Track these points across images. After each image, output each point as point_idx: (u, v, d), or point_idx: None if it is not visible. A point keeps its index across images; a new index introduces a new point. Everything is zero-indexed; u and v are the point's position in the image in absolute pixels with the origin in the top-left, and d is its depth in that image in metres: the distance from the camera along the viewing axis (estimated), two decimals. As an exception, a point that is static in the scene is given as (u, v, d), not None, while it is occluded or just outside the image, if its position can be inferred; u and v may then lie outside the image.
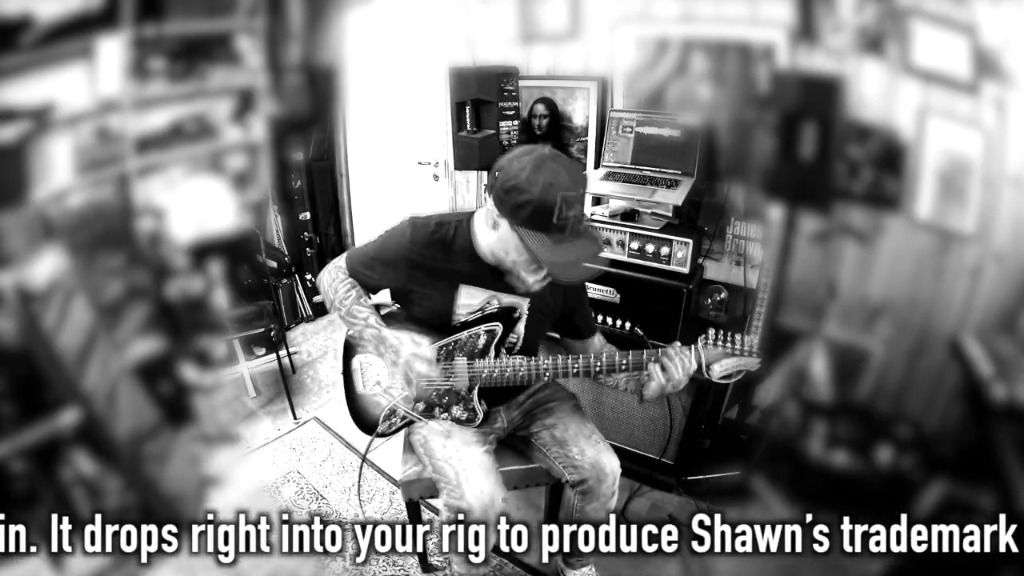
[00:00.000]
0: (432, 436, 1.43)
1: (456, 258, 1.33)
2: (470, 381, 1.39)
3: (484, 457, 1.38)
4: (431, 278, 1.35)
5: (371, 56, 3.05)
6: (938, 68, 1.21)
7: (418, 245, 1.32)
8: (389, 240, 1.37)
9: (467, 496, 1.29)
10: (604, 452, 1.43)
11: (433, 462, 1.40)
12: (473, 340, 1.38)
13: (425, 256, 1.33)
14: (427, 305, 1.38)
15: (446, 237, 1.33)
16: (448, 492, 1.33)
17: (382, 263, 1.37)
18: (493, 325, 1.36)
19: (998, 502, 1.08)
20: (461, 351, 1.39)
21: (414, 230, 1.33)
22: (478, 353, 1.38)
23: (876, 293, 1.35)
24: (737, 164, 1.85)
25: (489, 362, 1.37)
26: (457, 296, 1.36)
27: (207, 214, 1.49)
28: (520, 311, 1.40)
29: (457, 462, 1.34)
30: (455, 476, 1.32)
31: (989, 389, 1.09)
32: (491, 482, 1.32)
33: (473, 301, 1.37)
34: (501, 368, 1.36)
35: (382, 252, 1.38)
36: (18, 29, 1.12)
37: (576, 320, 1.51)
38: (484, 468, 1.34)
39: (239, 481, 1.50)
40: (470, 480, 1.31)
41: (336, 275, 1.42)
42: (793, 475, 1.38)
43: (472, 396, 1.41)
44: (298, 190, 3.41)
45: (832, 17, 1.37)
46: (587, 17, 2.21)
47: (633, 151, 2.07)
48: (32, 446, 1.16)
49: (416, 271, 1.34)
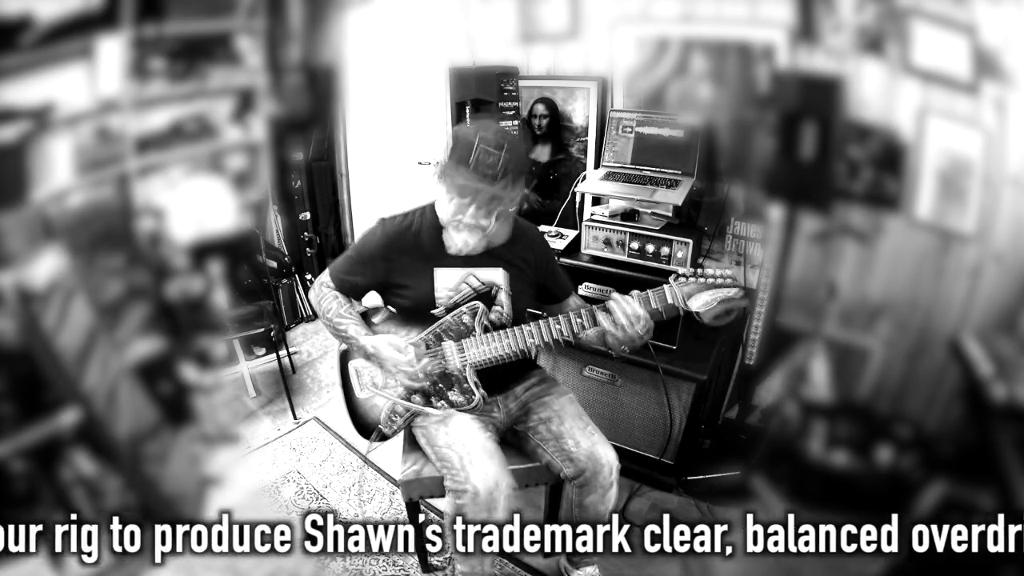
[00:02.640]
0: (432, 425, 1.44)
1: (425, 240, 1.42)
2: (460, 362, 1.42)
3: (487, 441, 1.39)
4: (407, 266, 1.43)
5: (371, 56, 3.05)
6: (938, 68, 1.21)
7: (390, 236, 1.42)
8: (364, 241, 1.46)
9: (472, 479, 1.29)
10: (599, 443, 1.44)
11: (436, 450, 1.40)
12: (458, 321, 1.42)
13: (399, 244, 1.42)
14: (410, 295, 1.44)
15: (413, 223, 1.44)
16: (452, 477, 1.33)
17: (360, 263, 1.45)
18: (474, 303, 1.42)
19: (998, 502, 1.08)
20: (448, 334, 1.43)
21: (384, 225, 1.45)
22: (464, 332, 1.43)
23: (876, 293, 1.35)
24: (737, 164, 1.85)
25: (477, 339, 1.41)
26: (435, 280, 1.43)
27: (207, 214, 1.49)
28: (497, 285, 1.45)
29: (460, 446, 1.35)
30: (458, 460, 1.33)
31: (989, 389, 1.09)
32: (495, 464, 1.33)
33: (451, 282, 1.43)
34: (488, 341, 1.40)
35: (359, 253, 1.46)
36: (18, 29, 1.12)
37: (552, 287, 1.58)
38: (487, 451, 1.35)
39: (239, 481, 1.51)
40: (474, 463, 1.31)
41: (321, 291, 1.49)
42: (793, 475, 1.38)
43: (467, 376, 1.43)
44: (298, 190, 3.41)
45: (832, 17, 1.37)
46: (587, 17, 2.21)
47: (633, 151, 2.07)
48: (32, 446, 1.16)
49: (392, 262, 1.43)
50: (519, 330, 1.38)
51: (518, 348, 1.40)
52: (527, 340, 1.38)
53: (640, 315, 1.30)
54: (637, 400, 2.01)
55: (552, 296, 1.58)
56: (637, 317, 1.30)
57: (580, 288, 2.05)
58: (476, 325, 1.42)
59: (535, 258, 1.51)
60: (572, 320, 1.36)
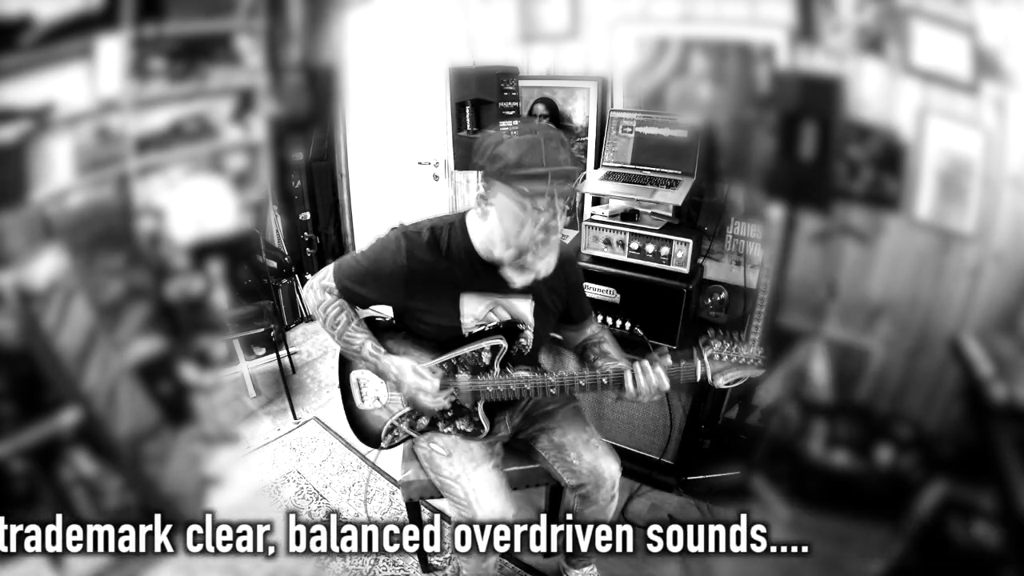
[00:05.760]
0: (436, 454, 1.41)
1: (454, 260, 1.28)
2: (473, 397, 1.36)
3: (492, 474, 1.36)
4: (431, 291, 1.30)
5: (371, 56, 3.05)
6: (938, 68, 1.21)
7: (415, 255, 1.26)
8: (383, 255, 1.29)
9: (479, 516, 1.29)
10: (602, 457, 1.42)
11: (440, 480, 1.39)
12: (476, 356, 1.35)
13: (423, 264, 1.27)
14: (432, 321, 1.34)
15: (441, 239, 1.28)
16: (460, 510, 1.33)
17: (376, 280, 1.30)
18: (497, 340, 1.33)
19: (998, 502, 1.08)
20: (464, 367, 1.36)
21: (408, 241, 1.27)
22: (482, 369, 1.35)
23: (876, 293, 1.35)
24: (737, 164, 1.85)
25: (494, 377, 1.34)
26: (461, 308, 1.32)
27: (207, 214, 1.49)
28: (525, 322, 1.36)
29: (466, 481, 1.33)
30: (464, 496, 1.32)
31: (989, 389, 1.09)
32: (501, 500, 1.32)
33: (477, 310, 1.33)
34: (507, 383, 1.32)
35: (376, 268, 1.30)
36: (18, 29, 1.12)
37: (572, 310, 1.48)
38: (494, 487, 1.33)
39: (239, 481, 1.50)
40: (480, 501, 1.30)
41: (323, 297, 1.33)
42: (793, 475, 1.38)
43: (477, 410, 1.38)
44: (298, 190, 3.41)
45: (832, 17, 1.37)
46: (587, 17, 2.21)
47: (633, 151, 2.07)
48: (32, 446, 1.16)
49: (414, 285, 1.28)
50: (540, 378, 1.30)
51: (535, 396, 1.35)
52: (547, 390, 1.31)
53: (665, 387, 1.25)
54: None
55: (570, 318, 1.49)
56: (660, 388, 1.25)
57: (580, 288, 2.05)
58: (496, 364, 1.34)
59: (566, 286, 1.41)
60: (598, 380, 1.29)
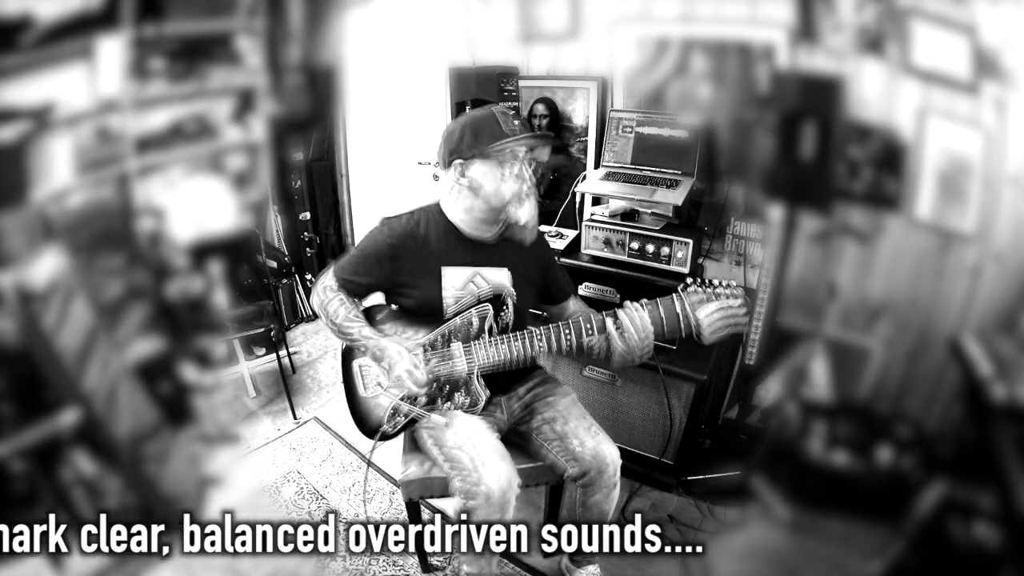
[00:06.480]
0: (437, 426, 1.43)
1: (432, 239, 1.43)
2: (468, 365, 1.41)
3: (496, 441, 1.39)
4: (414, 266, 1.43)
5: (371, 56, 3.05)
6: (938, 68, 1.21)
7: (396, 233, 1.42)
8: (368, 241, 1.45)
9: (485, 479, 1.29)
10: (604, 442, 1.44)
11: (445, 451, 1.40)
12: (467, 324, 1.42)
13: (405, 244, 1.42)
14: (416, 295, 1.44)
15: (419, 222, 1.45)
16: (464, 479, 1.32)
17: (366, 262, 1.44)
18: (483, 307, 1.42)
19: (998, 502, 1.08)
20: (456, 336, 1.43)
21: (390, 224, 1.45)
22: (473, 336, 1.43)
23: (876, 293, 1.35)
24: (737, 164, 1.85)
25: (485, 342, 1.41)
26: (442, 280, 1.42)
27: (207, 214, 1.49)
28: (506, 291, 1.45)
29: (471, 448, 1.35)
30: (470, 461, 1.32)
31: (989, 389, 1.09)
32: (507, 464, 1.33)
33: (458, 281, 1.43)
34: (496, 344, 1.40)
35: (364, 253, 1.45)
36: (18, 29, 1.12)
37: (552, 289, 1.58)
38: (498, 452, 1.35)
39: (239, 481, 1.51)
40: (487, 464, 1.31)
41: (325, 294, 1.46)
42: (793, 475, 1.38)
43: (473, 380, 1.43)
44: (298, 190, 3.41)
45: (832, 17, 1.37)
46: (587, 17, 2.21)
47: (633, 151, 2.07)
48: (32, 446, 1.16)
49: (399, 261, 1.42)
50: (528, 335, 1.38)
51: (526, 353, 1.39)
52: (536, 346, 1.38)
53: (648, 328, 1.32)
54: (637, 400, 2.01)
55: (551, 298, 1.59)
56: (644, 327, 1.32)
57: (580, 288, 2.05)
58: (485, 328, 1.42)
59: (538, 259, 1.52)
60: (582, 325, 1.36)
